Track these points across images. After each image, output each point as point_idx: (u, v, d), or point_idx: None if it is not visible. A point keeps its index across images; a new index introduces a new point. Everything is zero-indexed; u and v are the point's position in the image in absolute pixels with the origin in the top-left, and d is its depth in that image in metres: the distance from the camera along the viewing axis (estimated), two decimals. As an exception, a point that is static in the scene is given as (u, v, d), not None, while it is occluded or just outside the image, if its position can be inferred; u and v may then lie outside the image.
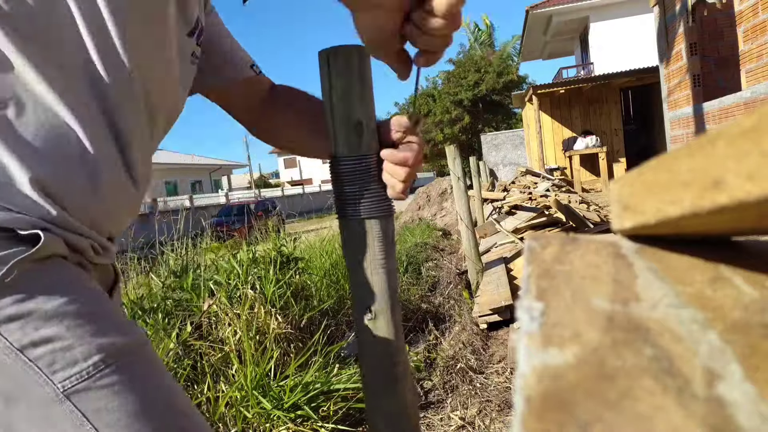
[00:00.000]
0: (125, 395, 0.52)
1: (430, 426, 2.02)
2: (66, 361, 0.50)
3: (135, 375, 0.54)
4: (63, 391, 0.49)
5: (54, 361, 0.50)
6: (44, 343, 0.50)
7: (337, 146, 0.72)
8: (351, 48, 0.70)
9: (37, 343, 0.49)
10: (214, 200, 22.20)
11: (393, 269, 0.74)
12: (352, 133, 0.71)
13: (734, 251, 0.27)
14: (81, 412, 0.49)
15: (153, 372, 0.56)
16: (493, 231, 5.39)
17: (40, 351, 0.49)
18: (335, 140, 0.72)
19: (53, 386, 0.49)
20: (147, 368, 0.56)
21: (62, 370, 0.50)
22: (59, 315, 0.51)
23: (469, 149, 17.62)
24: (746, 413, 0.15)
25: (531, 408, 0.16)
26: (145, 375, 0.55)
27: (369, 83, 0.72)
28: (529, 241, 0.27)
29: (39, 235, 0.51)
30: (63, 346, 0.50)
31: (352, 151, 0.71)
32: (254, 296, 2.58)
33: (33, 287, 0.51)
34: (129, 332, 0.56)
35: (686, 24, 5.12)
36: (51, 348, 0.50)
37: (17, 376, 0.49)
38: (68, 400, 0.49)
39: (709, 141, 0.18)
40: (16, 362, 0.49)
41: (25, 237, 0.51)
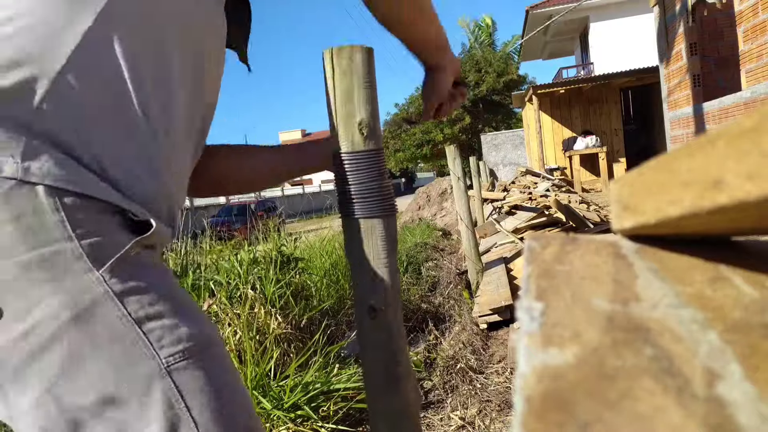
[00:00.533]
0: (216, 379, 0.55)
1: (430, 426, 2.02)
2: (172, 339, 0.53)
3: (222, 362, 0.58)
4: (166, 366, 0.52)
5: (162, 336, 0.53)
6: (156, 318, 0.53)
7: (340, 143, 0.72)
8: (355, 47, 0.70)
9: (151, 318, 0.53)
10: (213, 200, 22.20)
11: (395, 268, 0.74)
12: (355, 132, 0.71)
13: (734, 251, 0.27)
14: (179, 389, 0.52)
15: (231, 363, 0.61)
16: (493, 231, 5.39)
17: (152, 325, 0.53)
18: (338, 137, 0.72)
19: (159, 360, 0.52)
20: (229, 362, 0.60)
21: (168, 346, 0.53)
22: (169, 296, 0.55)
23: (469, 149, 17.62)
24: (746, 413, 0.15)
25: (531, 408, 0.16)
26: (228, 365, 0.59)
27: (373, 83, 0.72)
28: (529, 241, 0.27)
29: (151, 223, 0.56)
30: (171, 324, 0.54)
31: (354, 150, 0.71)
32: (254, 296, 2.58)
33: (145, 268, 0.55)
34: (211, 323, 0.61)
35: (686, 24, 5.12)
36: (161, 324, 0.53)
37: (128, 345, 0.51)
38: (169, 376, 0.52)
39: (709, 141, 0.18)
40: (129, 332, 0.52)
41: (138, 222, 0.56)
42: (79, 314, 0.50)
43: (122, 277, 0.52)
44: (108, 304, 0.51)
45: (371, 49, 0.72)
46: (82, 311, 0.50)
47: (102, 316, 0.51)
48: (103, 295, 0.51)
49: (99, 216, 0.53)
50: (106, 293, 0.51)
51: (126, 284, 0.52)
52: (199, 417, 0.53)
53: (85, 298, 0.50)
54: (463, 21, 23.89)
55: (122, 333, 0.51)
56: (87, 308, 0.50)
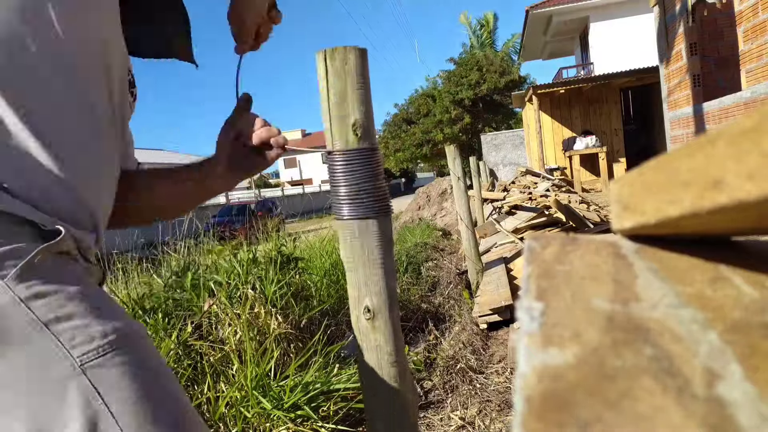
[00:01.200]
0: (134, 375, 0.56)
1: (430, 426, 2.02)
2: (84, 337, 0.54)
3: (142, 358, 0.58)
4: (80, 365, 0.53)
5: (74, 336, 0.54)
6: (66, 319, 0.54)
7: (333, 144, 0.72)
8: (348, 48, 0.70)
9: (61, 319, 0.54)
10: (213, 200, 22.18)
11: (391, 268, 0.74)
12: (349, 133, 0.71)
13: (734, 251, 0.27)
14: (94, 386, 0.53)
15: (156, 357, 0.62)
16: (493, 231, 5.39)
17: (62, 326, 0.53)
18: (332, 139, 0.72)
19: (72, 360, 0.53)
20: (151, 354, 0.61)
21: (81, 345, 0.54)
22: (79, 297, 0.56)
23: (469, 149, 17.61)
24: (746, 413, 0.15)
25: (531, 408, 0.16)
26: (150, 359, 0.60)
27: (367, 84, 0.72)
28: (529, 241, 0.27)
29: (60, 230, 0.57)
30: (82, 324, 0.55)
31: (348, 149, 0.71)
32: (254, 296, 2.58)
33: (55, 273, 0.56)
34: (134, 321, 0.61)
35: (686, 24, 5.12)
36: (72, 324, 0.54)
37: (40, 349, 0.52)
38: (84, 375, 0.53)
39: (709, 141, 0.18)
40: (40, 335, 0.52)
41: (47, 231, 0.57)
42: None
43: (29, 284, 0.53)
44: (16, 309, 0.52)
45: (365, 50, 0.72)
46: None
47: (9, 322, 0.51)
48: (10, 302, 0.51)
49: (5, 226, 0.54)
50: (12, 300, 0.52)
51: (32, 290, 0.53)
52: (119, 412, 0.53)
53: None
54: (465, 18, 23.89)
55: (32, 337, 0.52)
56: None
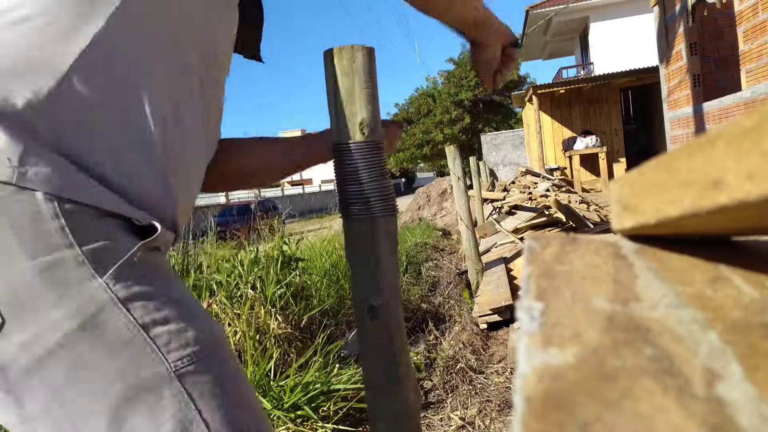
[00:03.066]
0: (226, 382, 0.55)
1: (430, 426, 2.02)
2: (180, 342, 0.53)
3: (229, 364, 0.58)
4: (175, 371, 0.52)
5: (170, 341, 0.52)
6: (163, 323, 0.53)
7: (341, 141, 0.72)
8: (356, 47, 0.70)
9: (157, 322, 0.52)
10: (214, 200, 22.21)
11: (395, 268, 0.74)
12: (356, 132, 0.71)
13: (734, 251, 0.27)
14: (188, 392, 0.52)
15: (237, 362, 0.60)
16: (493, 231, 5.39)
17: (159, 330, 0.52)
18: (339, 138, 0.72)
19: (167, 365, 0.52)
20: (234, 359, 0.60)
21: (176, 350, 0.53)
22: (173, 299, 0.55)
23: (469, 149, 17.61)
24: (746, 413, 0.15)
25: (531, 408, 0.16)
26: (235, 365, 0.59)
27: (374, 83, 0.72)
28: (529, 241, 0.27)
29: (156, 226, 0.55)
30: (179, 328, 0.53)
31: (356, 141, 0.72)
32: (254, 296, 2.58)
33: (151, 271, 0.55)
34: (217, 324, 0.60)
35: (686, 24, 5.12)
36: (168, 329, 0.53)
37: (136, 351, 0.51)
38: (178, 380, 0.52)
39: (709, 141, 0.18)
40: (136, 338, 0.51)
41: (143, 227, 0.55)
42: (84, 323, 0.49)
43: (127, 283, 0.51)
44: (113, 310, 0.50)
45: (372, 49, 0.72)
46: (87, 319, 0.49)
47: (108, 323, 0.50)
48: (108, 302, 0.50)
49: (101, 221, 0.52)
50: (110, 300, 0.50)
51: (131, 290, 0.51)
52: (210, 419, 0.53)
53: (90, 306, 0.49)
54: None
55: (129, 339, 0.51)
56: (92, 316, 0.49)
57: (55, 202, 0.49)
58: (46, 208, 0.48)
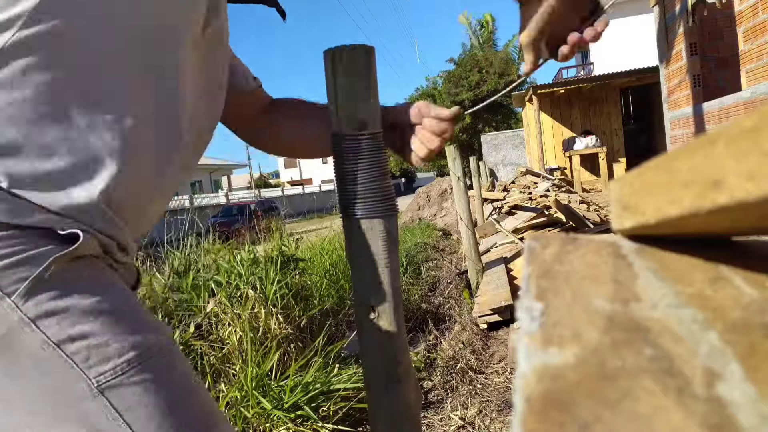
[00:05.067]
0: (157, 392, 0.53)
1: (430, 426, 2.02)
2: (101, 357, 0.51)
3: (165, 373, 0.55)
4: (97, 386, 0.50)
5: (89, 357, 0.50)
6: (80, 338, 0.50)
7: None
8: (356, 47, 0.70)
9: (74, 338, 0.50)
10: (213, 200, 22.22)
11: (396, 268, 0.74)
12: (356, 131, 0.71)
13: (734, 251, 0.27)
14: (114, 407, 0.50)
15: (181, 370, 0.57)
16: (493, 231, 5.39)
17: (76, 346, 0.50)
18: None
19: (88, 381, 0.50)
20: (176, 366, 0.57)
21: (97, 365, 0.50)
22: (94, 312, 0.52)
23: (469, 149, 17.61)
24: (746, 413, 0.15)
25: (531, 408, 0.16)
26: (175, 373, 0.56)
27: (374, 82, 0.72)
28: (529, 241, 0.27)
29: (78, 235, 0.52)
30: (98, 343, 0.51)
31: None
32: (255, 296, 2.58)
33: (69, 284, 0.51)
34: (159, 331, 0.57)
35: (686, 24, 5.11)
36: (87, 344, 0.50)
37: (53, 370, 0.49)
38: (102, 396, 0.50)
39: (709, 141, 0.18)
40: (52, 356, 0.49)
41: (64, 236, 0.52)
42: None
43: (38, 300, 0.49)
44: (25, 330, 0.48)
45: (372, 48, 0.72)
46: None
47: (20, 343, 0.48)
48: (18, 323, 0.48)
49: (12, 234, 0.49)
50: (20, 320, 0.48)
51: (41, 307, 0.49)
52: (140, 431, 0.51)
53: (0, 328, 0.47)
54: (464, 18, 23.84)
55: (45, 358, 0.49)
56: (2, 337, 0.48)
57: None
58: None
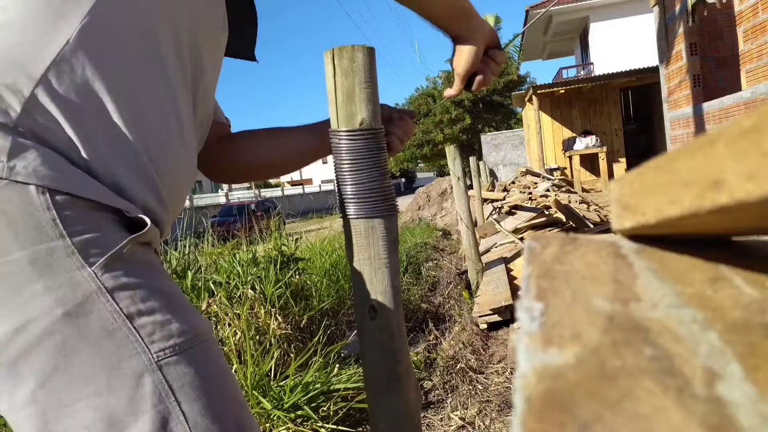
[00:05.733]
0: (206, 375, 0.56)
1: (430, 426, 2.02)
2: (163, 334, 0.54)
3: (213, 358, 0.59)
4: (157, 361, 0.53)
5: (154, 331, 0.54)
6: (148, 313, 0.54)
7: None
8: (356, 47, 0.70)
9: (143, 313, 0.54)
10: (213, 200, 22.23)
11: (396, 268, 0.74)
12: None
13: (734, 251, 0.27)
14: (168, 383, 0.53)
15: (222, 358, 0.61)
16: (493, 231, 5.39)
17: (143, 320, 0.53)
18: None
19: (149, 355, 0.53)
20: (219, 354, 0.61)
21: (159, 341, 0.54)
22: (161, 292, 0.56)
23: (470, 149, 17.62)
24: (746, 413, 0.15)
25: (531, 408, 0.16)
26: (219, 360, 0.60)
27: (374, 83, 0.72)
28: (529, 241, 0.27)
29: (145, 221, 0.57)
30: (163, 320, 0.55)
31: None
32: (254, 296, 2.58)
33: (140, 264, 0.56)
34: (204, 320, 0.61)
35: (686, 24, 5.11)
36: (153, 319, 0.54)
37: (118, 341, 0.52)
38: (159, 371, 0.53)
39: (709, 141, 0.18)
40: (121, 327, 0.52)
41: (132, 219, 0.57)
42: (71, 310, 0.50)
43: (115, 274, 0.53)
44: (100, 299, 0.52)
45: (372, 48, 0.72)
46: (74, 307, 0.51)
47: (94, 311, 0.51)
48: (95, 291, 0.51)
49: (91, 213, 0.54)
50: (98, 289, 0.52)
51: (118, 280, 0.53)
52: (188, 410, 0.54)
53: (77, 294, 0.51)
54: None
55: (114, 328, 0.52)
56: (79, 304, 0.51)
57: (47, 194, 0.51)
58: (38, 201, 0.50)
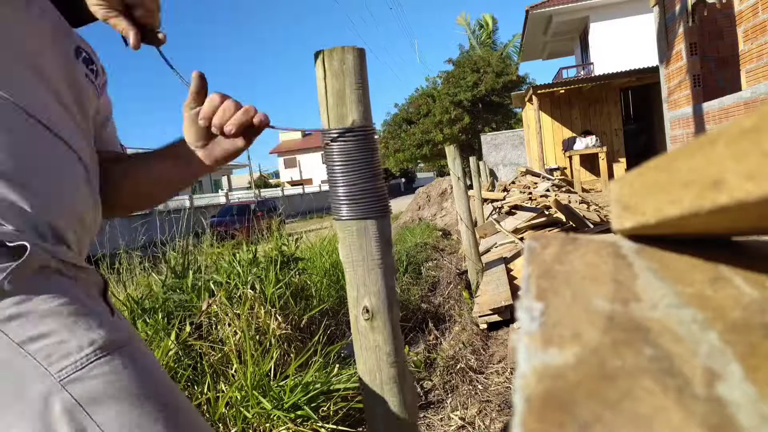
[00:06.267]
0: (114, 384, 0.56)
1: (430, 426, 2.02)
2: (61, 353, 0.54)
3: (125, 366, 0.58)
4: (59, 381, 0.53)
5: (51, 354, 0.54)
6: (41, 338, 0.54)
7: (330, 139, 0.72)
8: (346, 48, 0.70)
9: (35, 338, 0.54)
10: (213, 200, 22.24)
11: (390, 268, 0.74)
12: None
13: (734, 251, 0.27)
14: (76, 400, 0.53)
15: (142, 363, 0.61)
16: (493, 231, 5.39)
17: (38, 345, 0.54)
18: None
19: (51, 377, 0.53)
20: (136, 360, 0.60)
21: (58, 361, 0.54)
22: (54, 313, 0.56)
23: (469, 149, 17.61)
24: (746, 413, 0.15)
25: (531, 408, 0.16)
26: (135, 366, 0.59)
27: (365, 84, 0.72)
28: (529, 242, 0.27)
29: (26, 246, 0.56)
30: (58, 340, 0.55)
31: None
32: (254, 296, 2.58)
33: (27, 292, 0.56)
34: (116, 329, 0.61)
35: (686, 24, 5.11)
36: (47, 342, 0.54)
37: (18, 370, 0.53)
38: (65, 390, 0.53)
39: (709, 141, 0.18)
40: (16, 357, 0.53)
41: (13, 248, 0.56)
42: None
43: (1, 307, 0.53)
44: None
45: (363, 50, 0.72)
46: None
47: None
48: None
49: None
50: None
51: (5, 312, 0.53)
52: (103, 421, 0.53)
53: None
54: (463, 19, 23.78)
55: (9, 358, 0.52)
56: None
57: None
58: None
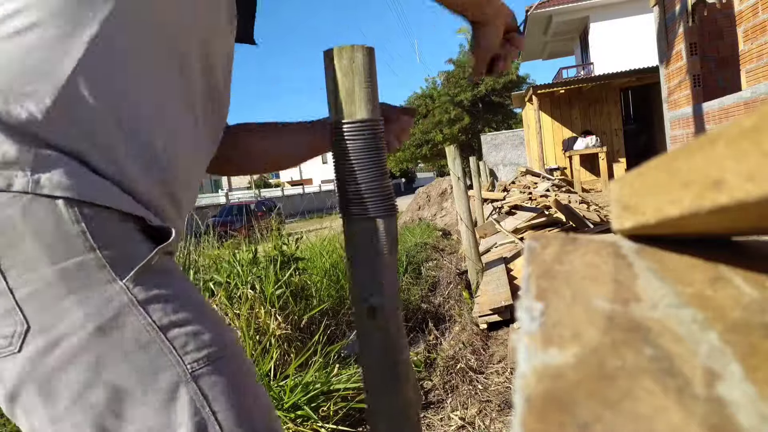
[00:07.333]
0: (239, 383, 0.57)
1: (430, 426, 2.02)
2: (196, 345, 0.54)
3: (244, 367, 0.59)
4: (191, 372, 0.53)
5: (187, 343, 0.53)
6: (181, 324, 0.54)
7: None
8: (356, 47, 0.70)
9: (176, 324, 0.53)
10: (213, 200, 22.24)
11: (394, 268, 0.74)
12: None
13: (734, 251, 0.27)
14: (203, 394, 0.53)
15: (251, 366, 0.62)
16: (493, 231, 5.39)
17: (176, 332, 0.53)
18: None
19: (183, 366, 0.53)
20: (248, 362, 0.62)
21: (193, 352, 0.54)
22: (191, 302, 0.56)
23: (469, 149, 17.61)
24: (746, 413, 0.15)
25: (531, 408, 0.16)
26: (249, 368, 0.61)
27: (374, 83, 0.72)
28: (529, 241, 0.27)
29: (169, 230, 0.56)
30: (195, 331, 0.55)
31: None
32: (254, 296, 2.57)
33: (168, 274, 0.56)
34: (230, 329, 0.62)
35: (686, 24, 5.11)
36: (185, 331, 0.54)
37: (154, 353, 0.52)
38: (194, 382, 0.53)
39: (709, 141, 0.18)
40: (154, 340, 0.52)
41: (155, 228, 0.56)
42: (104, 325, 0.50)
43: (146, 286, 0.52)
44: (133, 313, 0.51)
45: (372, 48, 0.72)
46: (107, 321, 0.50)
47: (127, 325, 0.51)
48: (127, 305, 0.51)
49: (119, 224, 0.53)
50: (130, 302, 0.51)
51: (150, 292, 0.52)
52: (224, 420, 0.54)
53: (110, 309, 0.50)
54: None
55: (147, 341, 0.52)
56: (112, 318, 0.50)
57: (75, 207, 0.50)
58: (66, 214, 0.49)
